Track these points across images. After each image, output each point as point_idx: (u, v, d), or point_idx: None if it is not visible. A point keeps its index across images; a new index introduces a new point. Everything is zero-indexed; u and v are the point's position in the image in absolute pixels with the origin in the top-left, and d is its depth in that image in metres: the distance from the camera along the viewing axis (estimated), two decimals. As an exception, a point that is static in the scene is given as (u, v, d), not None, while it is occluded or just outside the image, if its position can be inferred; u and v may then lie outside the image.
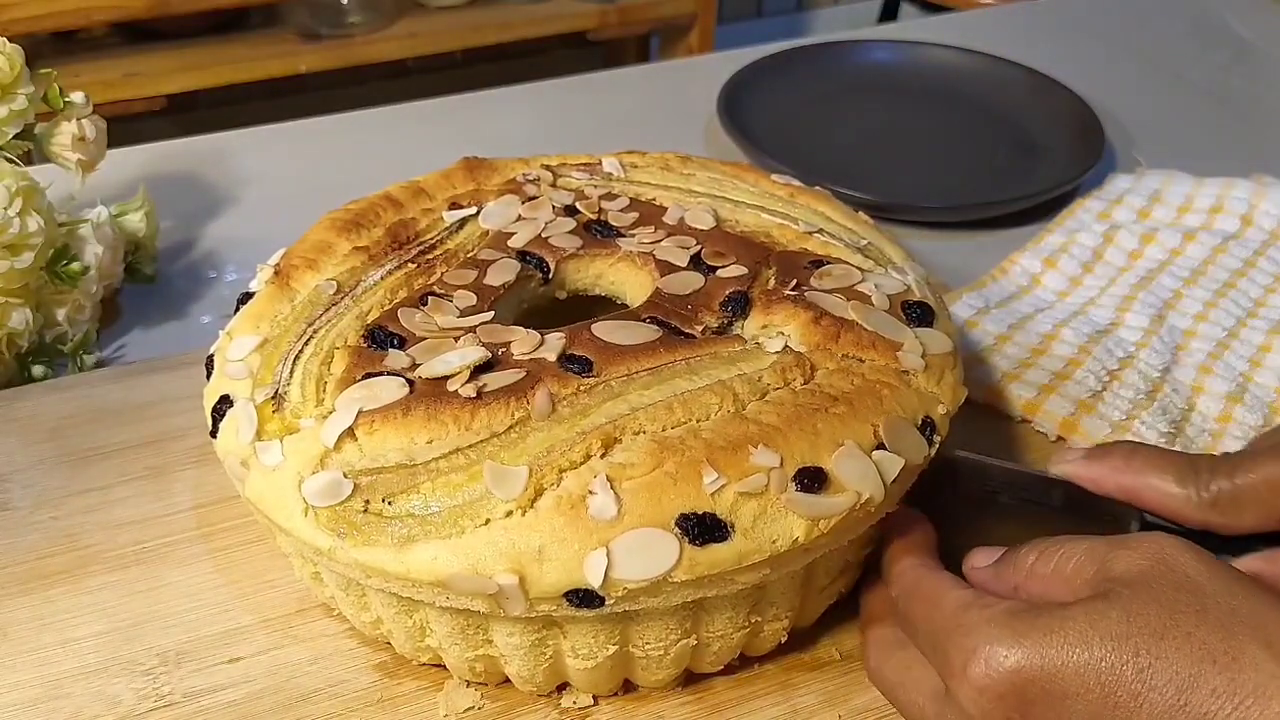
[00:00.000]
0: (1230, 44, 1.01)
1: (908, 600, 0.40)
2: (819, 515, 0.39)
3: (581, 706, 0.43)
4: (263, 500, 0.41)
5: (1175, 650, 0.33)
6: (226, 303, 0.63)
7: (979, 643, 0.35)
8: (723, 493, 0.38)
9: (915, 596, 0.40)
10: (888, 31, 1.21)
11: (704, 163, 0.56)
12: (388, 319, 0.45)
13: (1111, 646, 0.34)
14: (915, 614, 0.39)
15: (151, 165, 0.80)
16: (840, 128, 0.85)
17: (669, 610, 0.39)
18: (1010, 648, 0.35)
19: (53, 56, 1.77)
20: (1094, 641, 0.34)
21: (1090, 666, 0.34)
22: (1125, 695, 0.33)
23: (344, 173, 0.80)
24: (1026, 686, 0.34)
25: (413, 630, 0.42)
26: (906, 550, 0.42)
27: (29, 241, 0.56)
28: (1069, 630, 0.34)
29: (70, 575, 0.48)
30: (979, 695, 0.35)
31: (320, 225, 0.51)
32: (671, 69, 1.23)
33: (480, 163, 0.55)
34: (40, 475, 0.52)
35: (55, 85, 0.63)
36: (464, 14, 2.00)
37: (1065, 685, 0.34)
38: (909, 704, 0.39)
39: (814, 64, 0.91)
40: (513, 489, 0.38)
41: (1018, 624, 0.35)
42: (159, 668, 0.44)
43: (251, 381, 0.44)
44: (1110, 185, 0.76)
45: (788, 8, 2.70)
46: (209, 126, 0.87)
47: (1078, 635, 0.34)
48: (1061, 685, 0.34)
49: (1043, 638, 0.35)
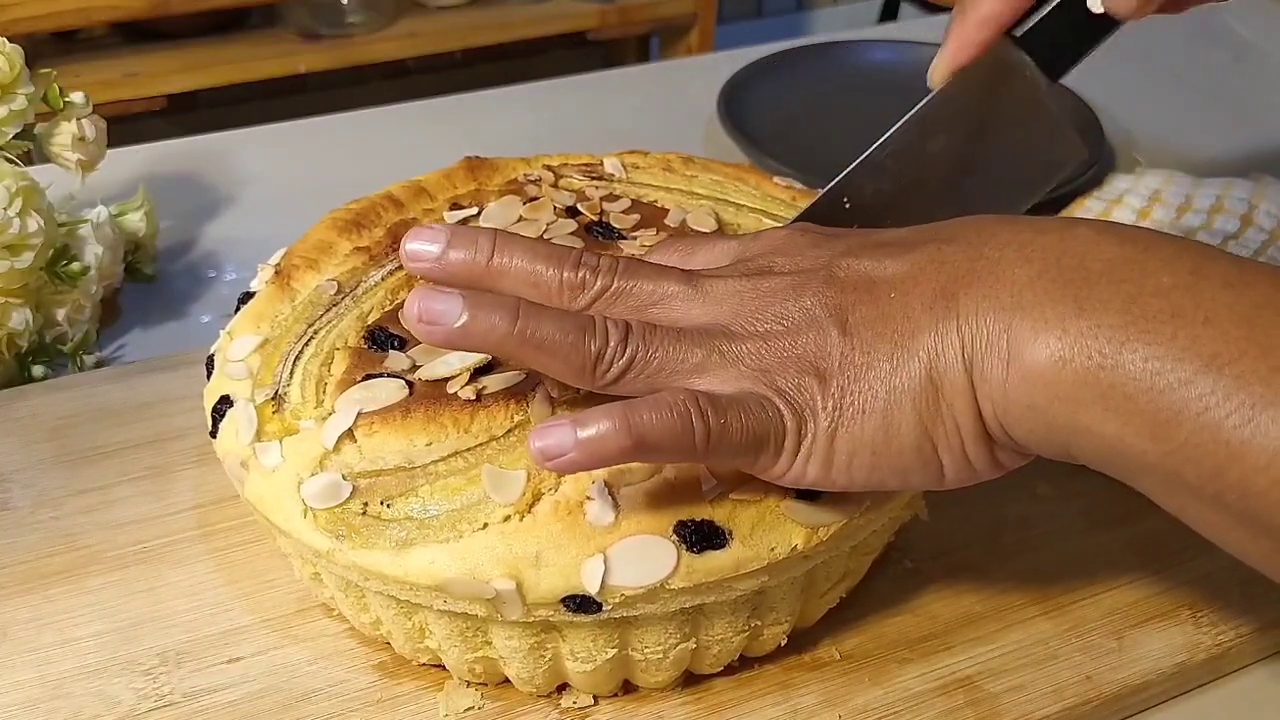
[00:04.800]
0: (1230, 44, 1.01)
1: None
2: (817, 523, 0.39)
3: (581, 706, 0.43)
4: (262, 501, 0.41)
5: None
6: (226, 303, 0.63)
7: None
8: (721, 499, 0.38)
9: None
10: (888, 31, 1.21)
11: (706, 164, 0.56)
12: (388, 320, 0.45)
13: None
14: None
15: (151, 165, 0.80)
16: (840, 128, 0.85)
17: (668, 615, 0.39)
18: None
19: (53, 56, 1.77)
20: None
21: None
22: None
23: (344, 173, 0.80)
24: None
25: (412, 631, 0.42)
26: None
27: (29, 241, 0.56)
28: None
29: (70, 575, 0.48)
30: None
31: (321, 225, 0.51)
32: (671, 69, 1.23)
33: (481, 162, 0.55)
34: (40, 475, 0.52)
35: (55, 85, 0.63)
36: (464, 14, 2.00)
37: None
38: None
39: (814, 64, 0.91)
40: (511, 493, 0.38)
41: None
42: (159, 668, 0.44)
43: (252, 382, 0.44)
44: (1110, 185, 0.76)
45: (788, 8, 2.70)
46: (209, 126, 0.87)
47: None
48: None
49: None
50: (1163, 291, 0.33)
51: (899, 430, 0.35)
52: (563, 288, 0.38)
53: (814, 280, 0.37)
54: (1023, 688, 0.43)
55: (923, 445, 0.35)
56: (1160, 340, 0.32)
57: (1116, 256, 0.34)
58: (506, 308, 0.35)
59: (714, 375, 0.36)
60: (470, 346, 0.36)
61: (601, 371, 0.36)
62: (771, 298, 0.37)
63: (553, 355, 0.35)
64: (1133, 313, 0.32)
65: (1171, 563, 0.48)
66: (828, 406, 0.35)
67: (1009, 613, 0.46)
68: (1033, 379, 0.33)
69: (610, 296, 0.38)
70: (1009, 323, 0.34)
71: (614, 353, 0.36)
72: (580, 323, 0.36)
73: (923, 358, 0.35)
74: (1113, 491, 0.51)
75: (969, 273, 0.35)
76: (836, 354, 0.35)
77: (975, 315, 0.34)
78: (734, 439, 0.35)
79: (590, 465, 0.35)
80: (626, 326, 0.36)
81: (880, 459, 0.36)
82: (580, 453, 0.34)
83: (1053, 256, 0.34)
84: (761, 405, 0.35)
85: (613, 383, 0.36)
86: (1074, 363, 0.33)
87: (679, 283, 0.38)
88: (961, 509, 0.50)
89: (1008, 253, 0.35)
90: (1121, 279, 0.33)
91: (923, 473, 0.36)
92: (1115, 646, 0.45)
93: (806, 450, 0.36)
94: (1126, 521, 0.50)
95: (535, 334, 0.35)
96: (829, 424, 0.35)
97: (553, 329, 0.35)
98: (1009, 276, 0.35)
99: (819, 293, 0.37)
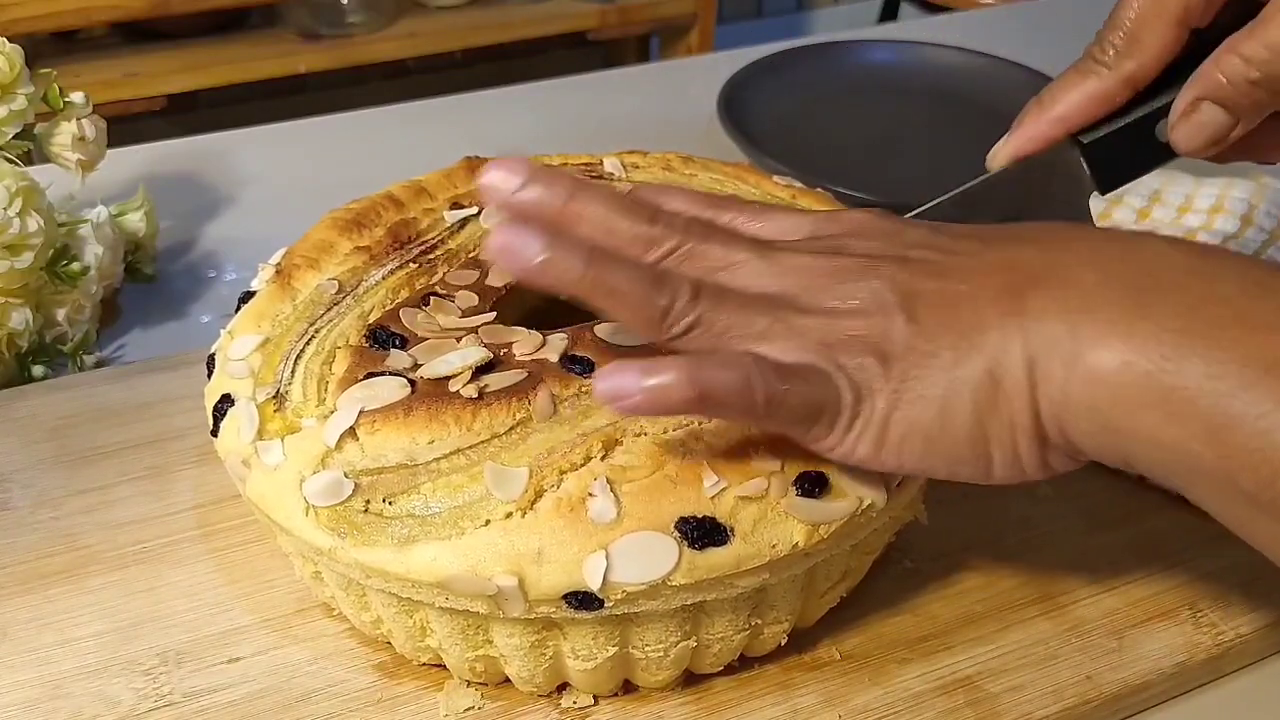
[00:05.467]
0: (1230, 45, 1.01)
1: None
2: (819, 520, 0.39)
3: (581, 706, 0.43)
4: (264, 500, 0.41)
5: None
6: (226, 302, 0.63)
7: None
8: (723, 496, 0.38)
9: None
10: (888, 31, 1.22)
11: (705, 163, 0.56)
12: (389, 319, 0.45)
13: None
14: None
15: (151, 165, 0.80)
16: (840, 128, 0.85)
17: (669, 613, 0.39)
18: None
19: (53, 56, 1.77)
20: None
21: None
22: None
23: (344, 173, 0.80)
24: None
25: (413, 630, 0.42)
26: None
27: (29, 241, 0.56)
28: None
29: (70, 575, 0.48)
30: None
31: (322, 224, 0.51)
32: (671, 69, 1.24)
33: (482, 162, 0.55)
34: (40, 475, 0.52)
35: (55, 85, 0.63)
36: (464, 14, 2.00)
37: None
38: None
39: (814, 64, 0.91)
40: (513, 490, 0.38)
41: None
42: (159, 668, 0.44)
43: (253, 381, 0.44)
44: (1110, 186, 0.76)
45: (788, 8, 2.70)
46: (209, 126, 0.87)
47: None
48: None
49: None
50: (1226, 299, 0.33)
51: (955, 420, 0.36)
52: (635, 241, 0.38)
53: (885, 264, 0.38)
54: (1023, 688, 0.43)
55: (976, 438, 0.36)
56: (1221, 346, 0.32)
57: (1183, 266, 0.35)
58: (584, 251, 0.36)
59: (777, 343, 0.37)
60: (544, 284, 0.36)
61: (668, 326, 0.36)
62: (841, 276, 0.38)
63: (622, 303, 0.36)
64: (1196, 319, 0.33)
65: (1171, 563, 0.48)
66: (887, 388, 0.36)
67: (1009, 613, 0.46)
68: (1095, 381, 0.34)
69: (681, 255, 0.38)
70: (1074, 325, 0.34)
71: (682, 310, 0.36)
72: (653, 276, 0.36)
73: (986, 352, 0.35)
74: (1113, 492, 0.52)
75: (1038, 274, 0.36)
76: (900, 338, 0.36)
77: (1041, 316, 0.35)
78: (792, 405, 0.36)
79: (652, 412, 0.36)
80: (697, 286, 0.37)
81: (932, 446, 0.36)
82: (645, 398, 0.35)
83: (1120, 264, 0.35)
84: (822, 377, 0.36)
85: (678, 338, 0.37)
86: (1136, 365, 0.33)
87: (749, 250, 0.39)
88: (962, 510, 0.50)
89: (1077, 258, 0.36)
90: (1186, 287, 0.34)
91: (972, 465, 0.37)
92: (1115, 646, 0.45)
93: (860, 428, 0.36)
94: (1127, 522, 0.50)
95: (608, 281, 0.36)
96: (886, 405, 0.36)
97: (625, 279, 0.36)
98: (1077, 280, 0.35)
99: (889, 277, 0.37)
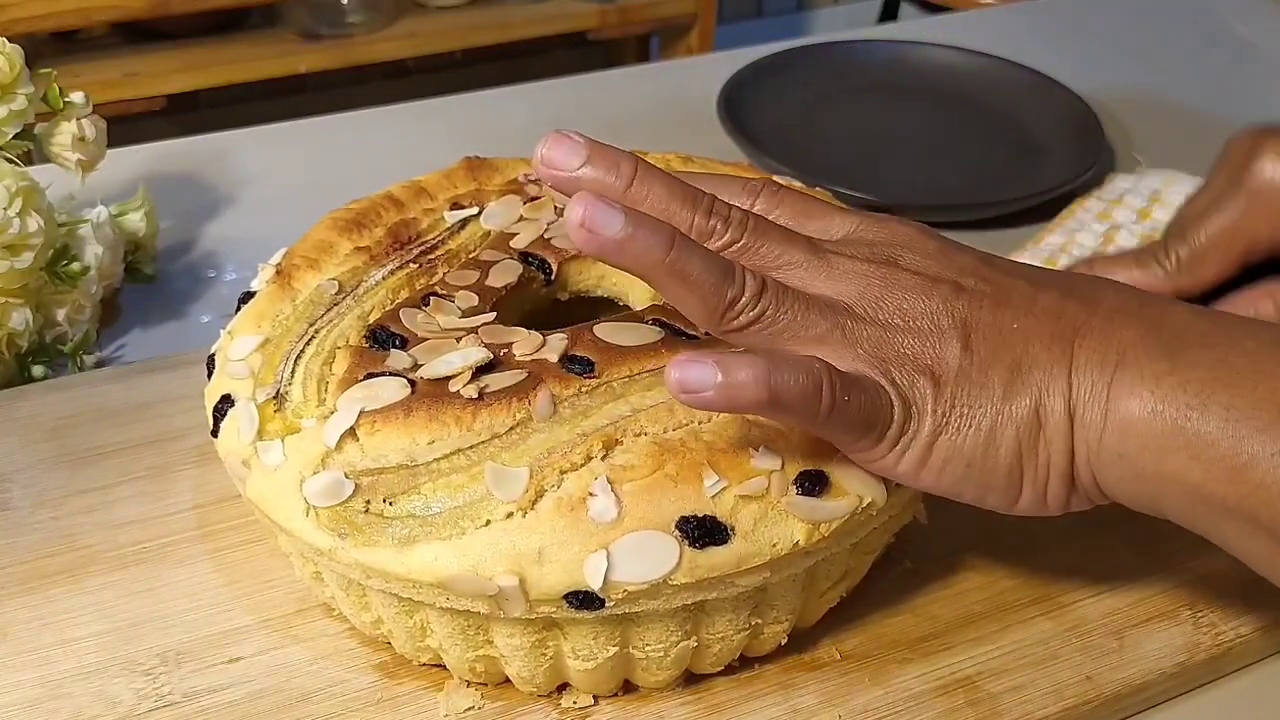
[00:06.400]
0: (1230, 44, 1.01)
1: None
2: (819, 519, 0.39)
3: (581, 706, 0.43)
4: (264, 500, 0.41)
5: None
6: (226, 302, 0.63)
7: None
8: (723, 495, 0.38)
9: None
10: (888, 31, 1.22)
11: (706, 164, 0.56)
12: (390, 319, 0.45)
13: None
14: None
15: (151, 165, 0.80)
16: (840, 128, 0.85)
17: (669, 612, 0.39)
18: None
19: (53, 56, 1.77)
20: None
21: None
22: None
23: (344, 173, 0.80)
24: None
25: (413, 630, 0.42)
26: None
27: (29, 241, 0.56)
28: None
29: (70, 575, 0.48)
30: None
31: (322, 225, 0.51)
32: (671, 69, 1.24)
33: (482, 162, 0.55)
34: (40, 475, 0.52)
35: (55, 85, 0.63)
36: (464, 14, 2.00)
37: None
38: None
39: (814, 64, 0.91)
40: (513, 490, 0.38)
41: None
42: (159, 668, 0.44)
43: (253, 381, 0.44)
44: (1110, 185, 0.76)
45: (788, 8, 2.70)
46: (209, 126, 0.87)
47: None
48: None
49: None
50: (1248, 353, 0.36)
51: (998, 451, 0.37)
52: (692, 231, 0.38)
53: (942, 286, 0.39)
54: (1023, 688, 0.43)
55: (1013, 471, 0.38)
56: (1241, 392, 0.35)
57: (1209, 328, 0.38)
58: (665, 233, 0.36)
59: (832, 349, 0.37)
60: (619, 260, 0.36)
61: (730, 318, 0.37)
62: (898, 290, 0.38)
63: (691, 290, 0.36)
64: (1219, 369, 0.36)
65: (1171, 563, 0.48)
66: (937, 411, 0.37)
67: (1009, 613, 0.46)
68: (1126, 428, 0.37)
69: (736, 250, 0.39)
70: (1111, 377, 0.37)
71: (747, 303, 0.37)
72: (724, 267, 0.37)
73: (1033, 392, 0.37)
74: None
75: (1084, 326, 0.38)
76: (954, 364, 0.37)
77: (1085, 366, 0.38)
78: (850, 416, 0.36)
79: (722, 409, 0.36)
80: (763, 282, 0.37)
81: (972, 472, 0.38)
82: (718, 394, 0.35)
83: (1154, 324, 0.38)
84: (877, 391, 0.37)
85: (737, 331, 0.37)
86: (1164, 414, 0.36)
87: (804, 251, 0.39)
88: (962, 510, 0.49)
89: (1117, 316, 0.39)
90: (1212, 344, 0.37)
91: (1002, 495, 0.38)
92: (1115, 646, 0.45)
93: (905, 445, 0.37)
94: (1126, 521, 0.50)
95: (684, 267, 0.36)
96: (933, 427, 0.37)
97: (699, 266, 0.36)
98: (1117, 336, 0.38)
99: (947, 300, 0.38)
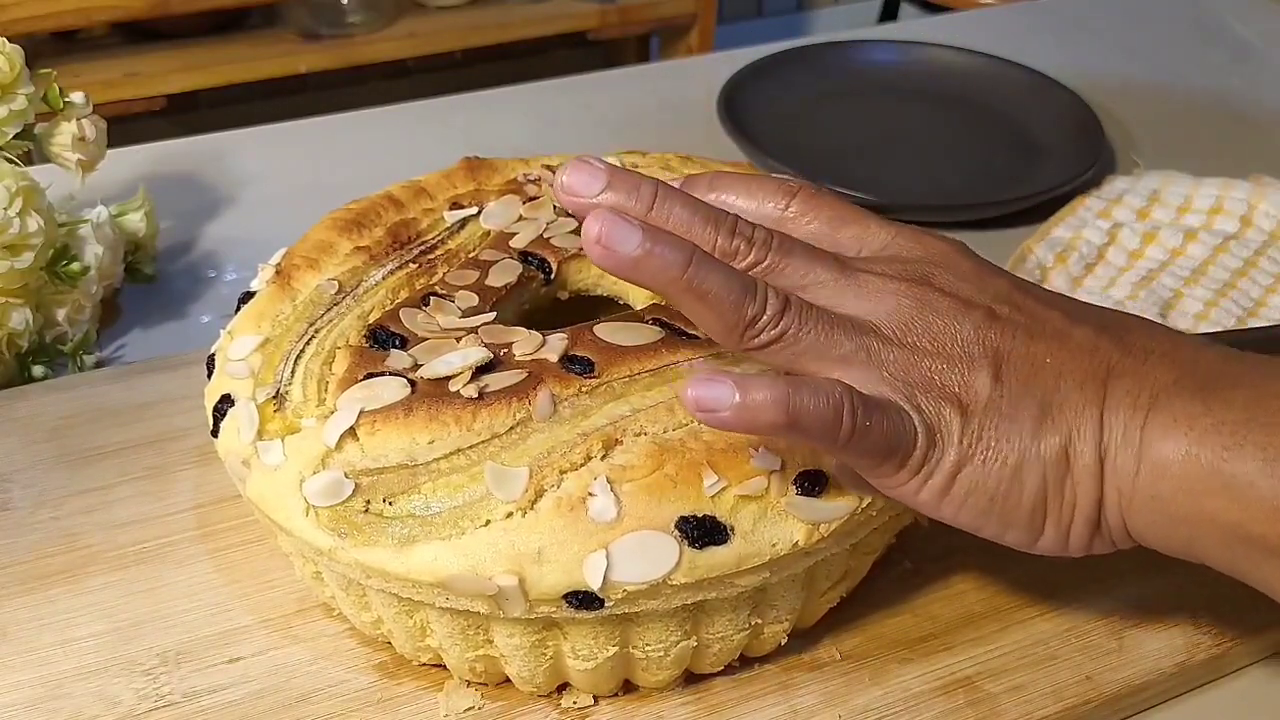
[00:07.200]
0: (1230, 44, 1.01)
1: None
2: (819, 519, 0.39)
3: (581, 706, 0.43)
4: (264, 500, 0.41)
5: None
6: (226, 302, 0.63)
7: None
8: (723, 495, 0.38)
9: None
10: (888, 31, 1.22)
11: (705, 163, 0.56)
12: (389, 319, 0.45)
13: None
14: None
15: (151, 165, 0.80)
16: (840, 128, 0.85)
17: (669, 612, 0.39)
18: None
19: (53, 56, 1.77)
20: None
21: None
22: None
23: (344, 173, 0.80)
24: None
25: (413, 630, 0.42)
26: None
27: (29, 241, 0.56)
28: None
29: (70, 575, 0.48)
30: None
31: (321, 225, 0.51)
32: (671, 69, 1.24)
33: (481, 163, 0.55)
34: (40, 475, 0.52)
35: (55, 85, 0.63)
36: (464, 14, 2.00)
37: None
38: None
39: (814, 64, 0.91)
40: (513, 490, 0.38)
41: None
42: (159, 668, 0.44)
43: (253, 381, 0.44)
44: (1109, 185, 0.76)
45: (788, 8, 2.70)
46: (209, 126, 0.87)
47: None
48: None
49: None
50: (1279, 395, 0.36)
51: (1023, 489, 0.37)
52: (715, 252, 0.38)
53: (975, 312, 0.38)
54: (1023, 688, 0.43)
55: (1037, 510, 0.37)
56: (1277, 433, 0.35)
57: (1241, 371, 0.37)
58: (683, 250, 0.36)
59: (857, 371, 0.36)
60: (637, 277, 0.36)
61: (751, 336, 0.36)
62: (929, 313, 0.37)
63: (710, 307, 0.36)
64: (1253, 411, 0.35)
65: (1172, 562, 0.48)
66: (963, 442, 0.36)
67: (1009, 613, 0.46)
68: (1160, 470, 0.36)
69: (762, 270, 0.38)
70: (1144, 420, 0.36)
71: (768, 321, 0.36)
72: (745, 284, 0.36)
73: (1064, 431, 0.36)
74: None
75: (1117, 366, 0.37)
76: (984, 394, 0.36)
77: (1118, 407, 0.37)
78: (872, 442, 0.35)
79: (738, 429, 0.35)
80: (786, 300, 0.36)
81: (994, 507, 0.37)
82: (734, 415, 0.34)
83: (1188, 366, 0.37)
84: (901, 416, 0.36)
85: (758, 349, 0.36)
86: (1200, 457, 0.35)
87: (832, 269, 0.38)
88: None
89: (1151, 357, 0.38)
90: (1246, 385, 0.36)
91: (1023, 532, 0.38)
92: (1115, 646, 0.45)
93: (927, 474, 0.36)
94: (1127, 521, 0.50)
95: (702, 284, 0.35)
96: (958, 457, 0.36)
97: (719, 283, 0.36)
98: (1151, 378, 0.37)
99: (979, 327, 0.37)
